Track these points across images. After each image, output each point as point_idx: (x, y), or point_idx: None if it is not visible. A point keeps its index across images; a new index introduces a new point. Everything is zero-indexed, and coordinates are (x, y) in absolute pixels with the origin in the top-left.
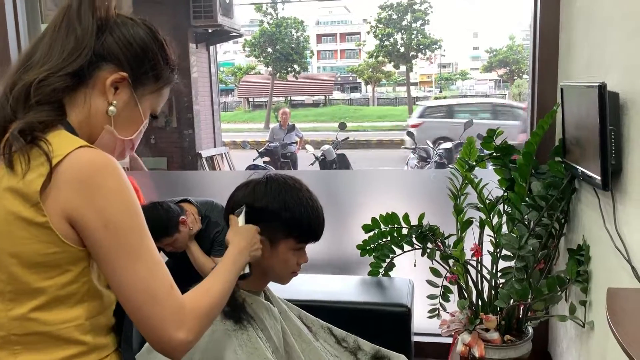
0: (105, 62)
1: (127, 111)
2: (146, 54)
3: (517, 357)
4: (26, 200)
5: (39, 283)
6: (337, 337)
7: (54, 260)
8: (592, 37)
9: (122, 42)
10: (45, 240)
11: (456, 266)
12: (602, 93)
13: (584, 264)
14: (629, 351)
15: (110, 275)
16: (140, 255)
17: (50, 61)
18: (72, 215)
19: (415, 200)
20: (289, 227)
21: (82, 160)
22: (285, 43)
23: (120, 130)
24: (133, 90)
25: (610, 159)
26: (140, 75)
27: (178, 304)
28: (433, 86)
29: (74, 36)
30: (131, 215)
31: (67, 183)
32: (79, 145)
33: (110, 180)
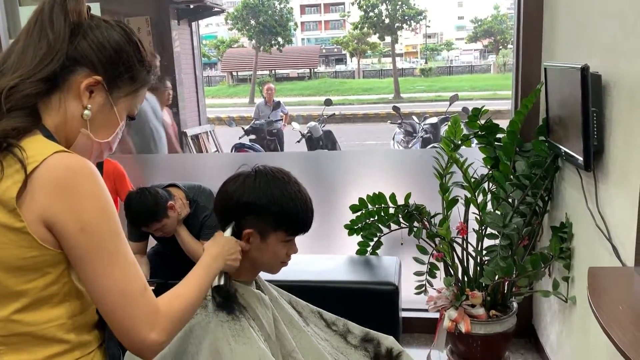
0: (79, 66)
1: (103, 114)
2: (120, 56)
3: (503, 331)
4: (3, 206)
5: (19, 286)
6: (327, 321)
7: (34, 264)
8: (576, 17)
9: (95, 45)
10: (24, 245)
11: (442, 244)
12: (585, 75)
13: (566, 241)
14: (609, 331)
15: (86, 278)
16: (115, 259)
17: (22, 67)
18: (49, 220)
19: (402, 179)
20: (279, 220)
21: (58, 166)
22: (268, 15)
23: (96, 133)
24: (108, 93)
25: (593, 140)
26: (115, 78)
27: (151, 306)
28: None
29: (46, 41)
30: (107, 218)
31: (44, 188)
32: (55, 151)
33: (86, 184)
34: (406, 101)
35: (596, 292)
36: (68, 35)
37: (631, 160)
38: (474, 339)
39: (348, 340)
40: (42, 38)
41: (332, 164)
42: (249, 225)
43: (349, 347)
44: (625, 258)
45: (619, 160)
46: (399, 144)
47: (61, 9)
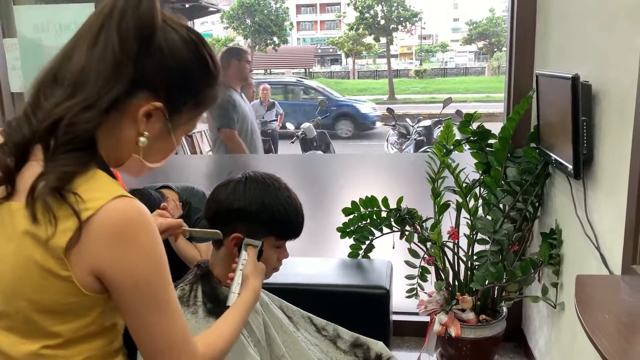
0: (139, 89)
1: (159, 140)
2: (188, 80)
3: (492, 335)
4: (49, 251)
5: (54, 327)
6: (317, 326)
7: (72, 308)
8: (568, 26)
9: (161, 65)
10: (65, 292)
11: (433, 248)
12: (575, 84)
13: (556, 247)
14: (594, 339)
15: (134, 326)
16: (164, 309)
17: (83, 89)
18: (100, 270)
19: (395, 183)
20: (269, 226)
21: (115, 215)
22: (264, 15)
23: (149, 157)
24: (168, 120)
25: (582, 149)
26: (178, 104)
27: (193, 350)
28: (413, 58)
29: (112, 57)
30: (160, 271)
31: (99, 239)
32: (113, 197)
33: (142, 236)
34: (400, 102)
35: (583, 300)
36: (137, 49)
37: (619, 169)
38: (463, 343)
39: (338, 345)
40: (106, 53)
41: (325, 167)
42: (238, 230)
43: (339, 352)
44: (612, 266)
45: (607, 170)
46: (393, 145)
47: (133, 14)
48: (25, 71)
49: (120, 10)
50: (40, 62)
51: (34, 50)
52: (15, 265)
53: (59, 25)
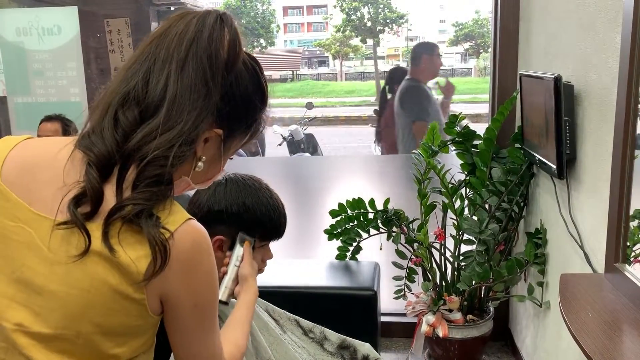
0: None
1: (210, 163)
2: (248, 110)
3: (479, 335)
4: (125, 276)
5: (114, 349)
6: (304, 329)
7: (135, 331)
8: (550, 27)
9: (229, 95)
10: (134, 314)
11: (420, 249)
12: (558, 85)
13: (541, 246)
14: (577, 337)
15: (180, 342)
16: (211, 329)
17: (177, 121)
18: (166, 293)
19: (381, 184)
20: (251, 227)
21: (186, 240)
22: (250, 17)
23: (196, 179)
24: (223, 144)
25: (565, 149)
26: (234, 130)
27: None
28: (400, 60)
29: (203, 88)
30: (214, 292)
31: (171, 264)
32: (183, 220)
33: (205, 260)
34: None
35: (567, 299)
36: (222, 79)
37: (602, 169)
38: (451, 343)
39: (325, 347)
40: (197, 81)
41: (312, 169)
42: (220, 233)
43: (326, 355)
44: (595, 264)
45: (590, 169)
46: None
47: (221, 42)
48: (8, 75)
49: (209, 37)
50: (23, 65)
51: (16, 54)
52: (88, 288)
53: (41, 28)
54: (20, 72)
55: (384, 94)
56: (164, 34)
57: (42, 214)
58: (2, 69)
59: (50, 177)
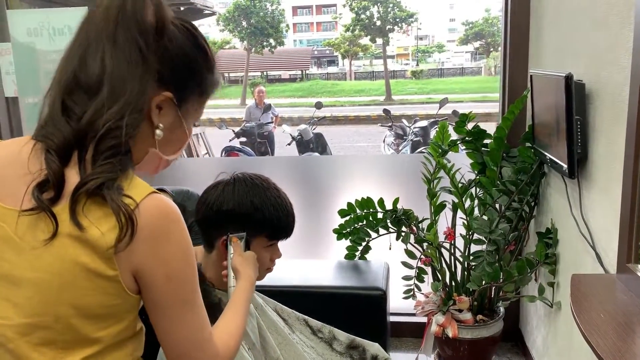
0: (150, 81)
1: (172, 130)
2: (191, 69)
3: (490, 335)
4: (97, 252)
5: (95, 333)
6: (312, 328)
7: (115, 311)
8: (561, 26)
9: (167, 57)
10: (110, 293)
11: (430, 249)
12: (569, 84)
13: (552, 246)
14: (589, 338)
15: (161, 324)
16: (191, 306)
17: (121, 93)
18: (138, 267)
19: (391, 184)
20: (259, 226)
21: (153, 211)
22: (260, 17)
23: (165, 149)
24: (178, 109)
25: (577, 148)
26: (185, 92)
27: (215, 349)
28: (410, 59)
29: (139, 57)
30: (190, 266)
31: (139, 235)
32: (149, 192)
33: (174, 231)
34: (397, 103)
35: (578, 300)
36: (155, 44)
37: (614, 168)
38: (461, 344)
39: (334, 347)
40: (132, 52)
41: (321, 169)
42: (230, 232)
43: (335, 354)
44: (607, 265)
45: (602, 168)
46: (390, 146)
47: (147, 11)
48: (19, 76)
49: (133, 8)
50: (34, 66)
51: (27, 55)
52: (59, 271)
53: (52, 29)
54: (32, 73)
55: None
56: (90, 18)
57: (12, 208)
58: (14, 70)
59: (16, 172)
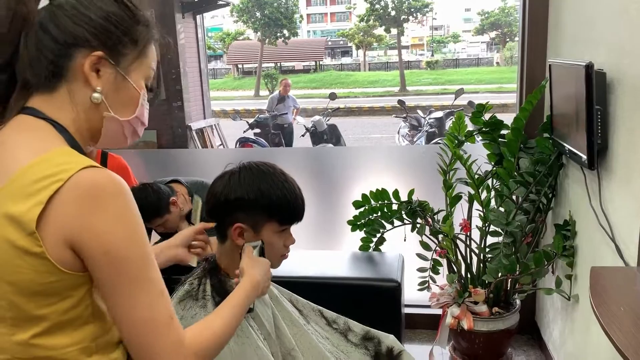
0: (74, 48)
1: (118, 90)
2: (112, 22)
3: (505, 328)
4: (22, 228)
5: (38, 310)
6: (327, 319)
7: (53, 289)
8: (581, 14)
9: (81, 20)
10: (42, 270)
11: (445, 241)
12: (589, 73)
13: (570, 239)
14: (609, 331)
15: (110, 303)
16: (141, 285)
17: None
18: (72, 241)
19: (406, 175)
20: (269, 212)
21: (83, 183)
22: (274, 7)
23: (120, 112)
24: (115, 66)
25: (596, 138)
26: (116, 47)
27: (177, 336)
28: (425, 49)
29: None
30: (133, 243)
31: (67, 208)
32: (82, 167)
33: (113, 204)
34: (412, 94)
35: (598, 292)
36: (18, 31)
37: (635, 159)
38: (476, 336)
39: (349, 338)
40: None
41: (336, 160)
42: (240, 220)
43: (350, 346)
44: (628, 257)
45: (622, 159)
46: (404, 137)
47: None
48: None
49: None
50: None
51: None
52: None
53: None
54: None
55: None
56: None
57: None
58: None
59: None
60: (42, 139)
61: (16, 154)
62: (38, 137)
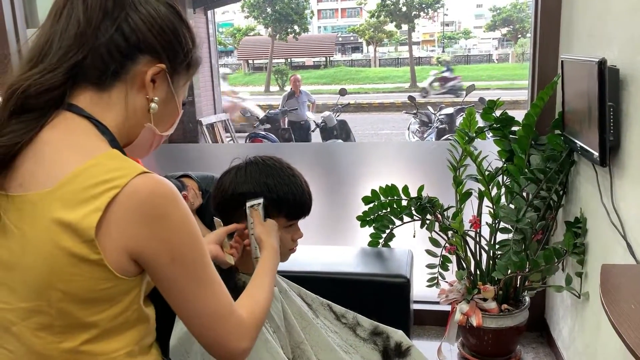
0: (141, 54)
1: (166, 105)
2: (179, 40)
3: (514, 325)
4: (78, 235)
5: (90, 317)
6: (336, 314)
7: (107, 295)
8: (594, 10)
9: (155, 28)
10: (98, 277)
11: (455, 237)
12: (602, 69)
13: (580, 236)
14: (619, 330)
15: (177, 304)
16: (205, 283)
17: (44, 60)
18: (135, 250)
19: (415, 171)
20: (276, 207)
21: (143, 191)
22: (284, 3)
23: (159, 125)
24: (170, 82)
25: (609, 135)
26: (176, 65)
27: (239, 318)
28: (436, 45)
29: (75, 28)
30: (195, 244)
31: (128, 216)
32: (138, 173)
33: (174, 211)
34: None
35: (608, 290)
36: (101, 18)
37: None
38: (485, 333)
39: (357, 333)
40: (70, 24)
41: (345, 155)
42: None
43: (358, 340)
44: (639, 255)
45: (635, 156)
46: (414, 134)
47: None
48: None
49: None
50: None
51: None
52: (45, 255)
53: None
54: None
55: None
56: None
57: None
58: None
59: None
60: (87, 140)
61: (63, 155)
62: (83, 137)
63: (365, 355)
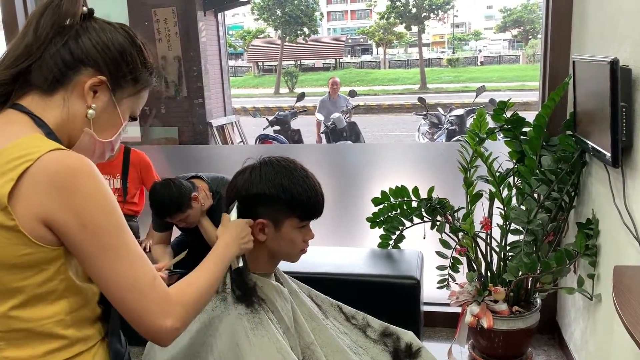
0: (83, 66)
1: (106, 114)
2: (124, 58)
3: (525, 327)
4: None
5: (15, 283)
6: (346, 315)
7: (28, 261)
8: (606, 10)
9: (100, 46)
10: (17, 243)
11: (465, 239)
12: (614, 69)
13: (592, 238)
14: (632, 331)
15: (94, 274)
16: (120, 253)
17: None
18: (47, 218)
19: (426, 172)
20: (290, 207)
21: (53, 164)
22: (294, 5)
23: (99, 132)
24: (112, 94)
25: (621, 136)
26: (119, 78)
27: (162, 294)
28: (446, 47)
29: (24, 43)
30: (108, 214)
31: (39, 187)
32: (51, 149)
33: (84, 184)
34: (432, 92)
35: (621, 292)
36: (50, 39)
37: None
38: (496, 335)
39: (367, 334)
40: (26, 39)
41: (355, 157)
42: (261, 216)
43: (368, 341)
44: None
45: None
46: (424, 135)
47: (53, 12)
48: None
49: (45, 4)
50: None
51: None
52: None
53: None
54: None
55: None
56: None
57: None
58: None
59: None
60: (22, 128)
61: None
62: (18, 126)
63: (375, 357)
